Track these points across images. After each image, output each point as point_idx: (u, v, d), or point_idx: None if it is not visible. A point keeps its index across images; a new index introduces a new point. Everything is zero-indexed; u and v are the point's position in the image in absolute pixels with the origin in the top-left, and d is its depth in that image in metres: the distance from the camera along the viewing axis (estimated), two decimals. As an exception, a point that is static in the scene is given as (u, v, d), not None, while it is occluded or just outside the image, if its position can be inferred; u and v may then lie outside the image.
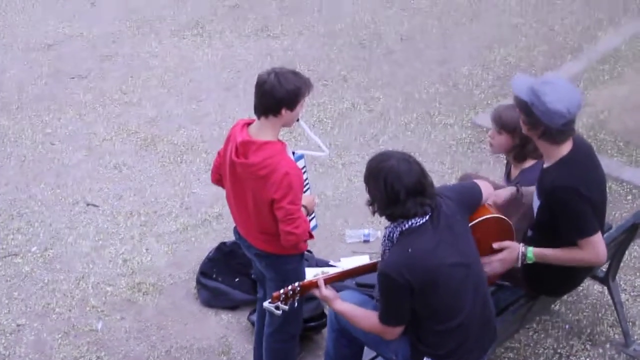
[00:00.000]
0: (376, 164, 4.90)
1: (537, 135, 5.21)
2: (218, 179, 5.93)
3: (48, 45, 10.42)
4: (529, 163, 5.83)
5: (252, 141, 5.45)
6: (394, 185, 4.78)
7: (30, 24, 10.77)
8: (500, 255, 5.31)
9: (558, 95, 5.05)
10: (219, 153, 5.86)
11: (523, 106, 5.16)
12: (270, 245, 5.69)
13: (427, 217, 4.85)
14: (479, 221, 5.23)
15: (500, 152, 6.01)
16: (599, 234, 5.26)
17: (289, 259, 5.72)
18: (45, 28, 10.71)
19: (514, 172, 5.96)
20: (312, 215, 5.88)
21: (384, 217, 4.97)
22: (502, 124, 5.78)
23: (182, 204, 7.98)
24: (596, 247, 5.24)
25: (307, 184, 5.84)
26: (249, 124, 5.60)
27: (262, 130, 5.47)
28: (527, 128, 5.24)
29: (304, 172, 5.78)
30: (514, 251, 5.32)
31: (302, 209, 5.59)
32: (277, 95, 5.37)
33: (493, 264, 5.31)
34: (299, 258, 5.75)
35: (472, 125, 8.72)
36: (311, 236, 5.71)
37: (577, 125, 5.27)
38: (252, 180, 5.50)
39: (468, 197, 5.22)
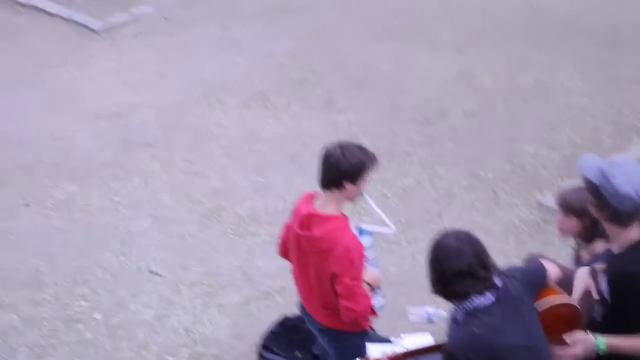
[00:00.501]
0: (433, 245, 4.93)
1: (605, 217, 5.15)
2: (285, 252, 5.95)
3: (116, 113, 10.54)
4: (599, 245, 5.76)
5: (315, 214, 5.47)
6: (441, 265, 4.80)
7: (99, 93, 10.90)
8: (574, 350, 5.22)
9: (627, 178, 5.01)
10: (286, 226, 5.87)
11: (591, 188, 5.11)
12: (333, 320, 5.67)
13: (493, 297, 4.82)
14: (547, 306, 5.17)
15: (569, 235, 5.95)
16: (673, 321, 5.18)
17: (351, 336, 5.69)
18: (114, 97, 10.84)
19: (584, 255, 5.90)
20: (379, 293, 5.85)
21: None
22: (569, 208, 5.74)
23: (245, 275, 8.00)
24: (671, 334, 5.16)
25: (374, 261, 5.81)
26: (314, 196, 5.62)
27: (326, 204, 5.49)
28: (596, 210, 5.19)
29: (372, 249, 5.77)
30: (588, 344, 5.22)
31: (365, 285, 5.56)
32: (341, 169, 5.39)
33: (562, 357, 5.22)
34: (361, 335, 5.71)
35: (538, 205, 8.67)
36: (374, 313, 5.68)
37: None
38: (315, 254, 5.50)
39: (534, 278, 5.19)
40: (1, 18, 12.39)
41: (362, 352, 5.61)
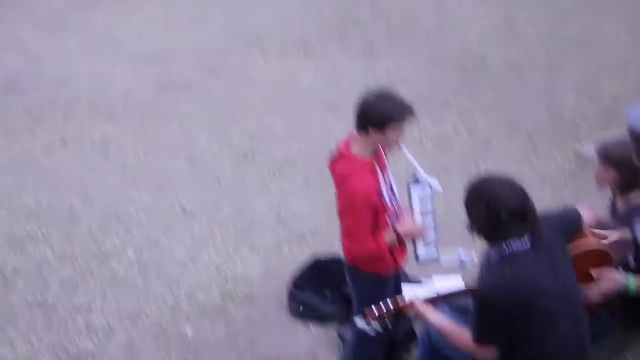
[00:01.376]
0: (478, 186, 4.86)
1: (647, 167, 5.11)
2: None
3: (156, 56, 10.54)
4: (637, 196, 5.70)
5: (342, 151, 5.49)
6: (497, 208, 4.72)
7: (141, 36, 10.92)
8: (599, 284, 5.20)
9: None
10: None
11: (636, 137, 5.07)
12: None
13: (528, 242, 4.78)
14: (580, 251, 5.14)
15: (607, 186, 5.89)
16: None
17: (365, 277, 5.64)
18: (155, 40, 10.84)
19: (620, 206, 5.84)
20: (431, 245, 5.77)
21: (481, 242, 4.93)
22: (608, 160, 5.67)
23: (278, 218, 7.99)
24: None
25: (427, 212, 5.71)
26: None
27: (356, 144, 5.47)
28: (638, 159, 5.15)
29: (425, 201, 5.67)
30: (613, 281, 5.20)
31: (390, 234, 5.50)
32: (367, 113, 5.35)
33: (591, 293, 5.20)
34: (376, 281, 5.64)
35: (575, 156, 8.59)
36: (396, 263, 5.62)
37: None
38: (336, 187, 5.53)
39: (569, 224, 5.17)
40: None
41: (377, 298, 5.56)
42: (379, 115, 5.33)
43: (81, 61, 10.40)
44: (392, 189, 5.64)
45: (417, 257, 5.75)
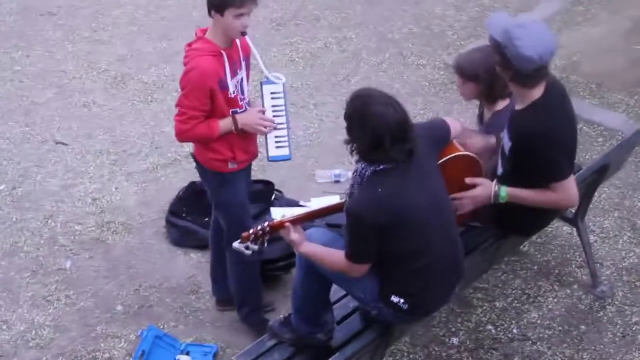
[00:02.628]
0: (361, 108, 4.74)
1: (508, 77, 5.17)
2: None
3: (17, -19, 10.27)
4: (501, 104, 5.78)
5: (198, 34, 5.46)
6: (382, 133, 4.66)
7: (-1, -40, 10.61)
8: (472, 192, 5.29)
9: (531, 41, 4.98)
10: None
11: (496, 46, 5.10)
12: (195, 149, 5.68)
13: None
14: (448, 159, 5.21)
15: (471, 98, 5.97)
16: (571, 177, 5.23)
17: (209, 175, 5.65)
18: (13, -36, 10.55)
19: (487, 114, 5.93)
20: (281, 144, 5.72)
21: (354, 157, 4.92)
22: (463, 74, 5.72)
23: (152, 143, 7.93)
24: (568, 190, 5.22)
25: (279, 110, 5.68)
26: None
27: (210, 30, 5.45)
28: (499, 69, 5.20)
29: (280, 98, 5.63)
30: (486, 188, 5.29)
31: (226, 120, 5.47)
32: None
33: (464, 201, 5.28)
34: (220, 179, 5.64)
35: (444, 66, 8.68)
36: (234, 158, 5.58)
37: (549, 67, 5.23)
38: None
39: (437, 134, 5.18)
40: None
41: (227, 199, 5.65)
42: None
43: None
44: (242, 84, 5.60)
45: (267, 155, 5.73)
